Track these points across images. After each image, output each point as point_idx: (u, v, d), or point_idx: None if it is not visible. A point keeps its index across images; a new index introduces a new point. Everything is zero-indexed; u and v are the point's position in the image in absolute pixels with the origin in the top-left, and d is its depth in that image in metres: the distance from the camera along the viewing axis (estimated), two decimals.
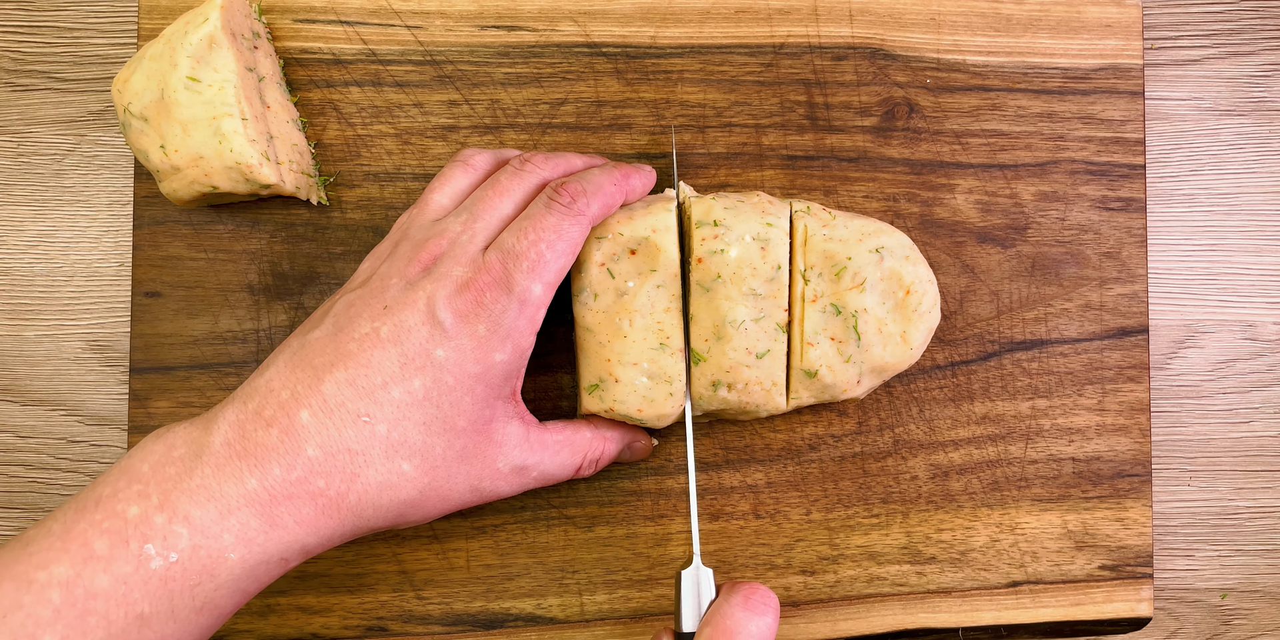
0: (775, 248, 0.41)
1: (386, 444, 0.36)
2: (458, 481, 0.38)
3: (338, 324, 0.38)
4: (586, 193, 0.40)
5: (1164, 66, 0.51)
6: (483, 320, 0.37)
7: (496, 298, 0.37)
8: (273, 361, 0.38)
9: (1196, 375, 0.51)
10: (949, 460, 0.47)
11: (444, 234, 0.39)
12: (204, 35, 0.42)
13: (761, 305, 0.42)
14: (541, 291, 0.38)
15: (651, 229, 0.41)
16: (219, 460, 0.35)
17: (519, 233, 0.39)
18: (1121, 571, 0.47)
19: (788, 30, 0.48)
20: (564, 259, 0.39)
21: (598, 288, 0.42)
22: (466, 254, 0.38)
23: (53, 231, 0.50)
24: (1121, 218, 0.48)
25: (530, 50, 0.48)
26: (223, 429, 0.36)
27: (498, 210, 0.40)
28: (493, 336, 0.37)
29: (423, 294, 0.37)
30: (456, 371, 0.37)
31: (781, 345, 0.42)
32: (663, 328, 0.41)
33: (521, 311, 0.38)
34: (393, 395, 0.36)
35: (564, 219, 0.39)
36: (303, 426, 0.36)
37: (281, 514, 0.35)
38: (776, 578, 0.47)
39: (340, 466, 0.36)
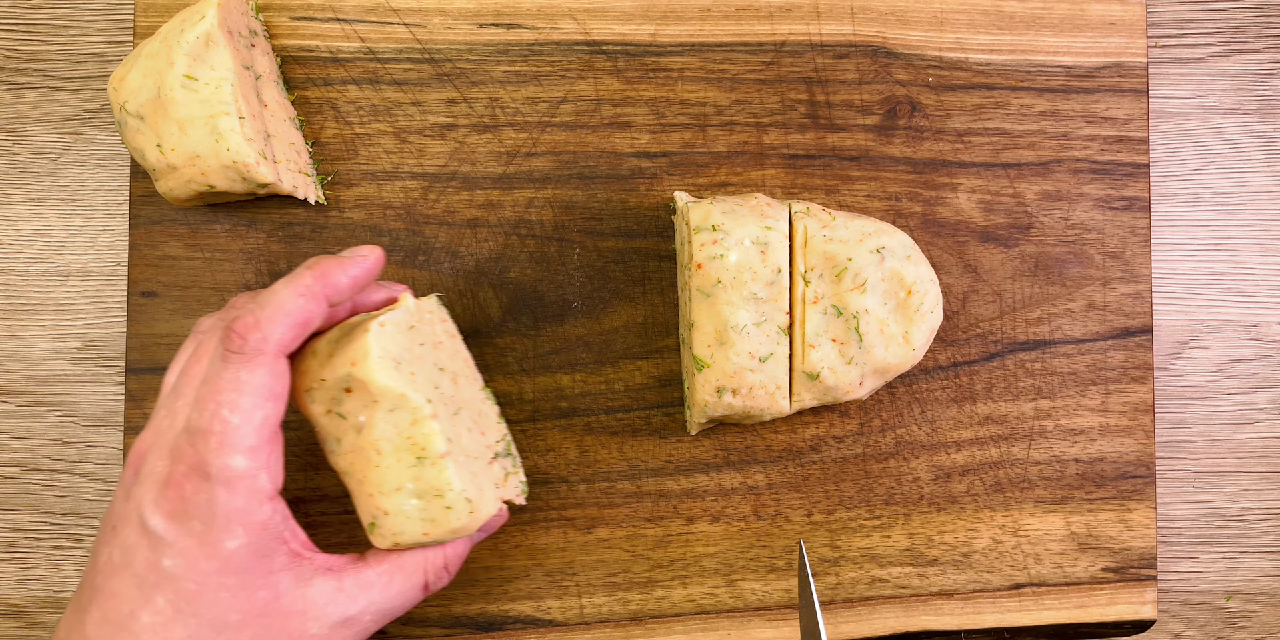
0: (775, 250, 0.41)
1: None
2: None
3: (94, 554, 0.35)
4: (260, 324, 0.35)
5: (1168, 65, 0.51)
6: (194, 516, 0.34)
7: (197, 488, 0.34)
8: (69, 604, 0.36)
9: (1201, 376, 0.51)
10: (951, 461, 0.47)
11: (151, 423, 0.36)
12: (201, 33, 0.42)
13: (763, 309, 0.41)
14: (245, 461, 0.34)
15: (351, 363, 0.37)
16: None
17: (199, 404, 0.34)
18: (1125, 574, 0.47)
19: (789, 28, 0.48)
20: (259, 413, 0.34)
21: (337, 433, 0.38)
22: (167, 443, 0.35)
23: (48, 231, 0.50)
24: (1125, 217, 0.48)
25: (529, 48, 0.47)
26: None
27: (197, 378, 0.36)
28: (211, 529, 0.34)
29: (134, 504, 0.34)
30: (193, 576, 0.34)
31: (784, 348, 0.41)
32: (414, 442, 0.37)
33: (232, 492, 0.34)
34: (144, 622, 0.33)
35: (240, 368, 0.34)
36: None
37: None
38: (778, 580, 0.47)
39: None
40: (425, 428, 0.37)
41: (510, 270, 0.47)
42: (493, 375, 0.47)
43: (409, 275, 0.47)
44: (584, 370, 0.47)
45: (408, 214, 0.47)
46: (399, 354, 0.38)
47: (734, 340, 0.41)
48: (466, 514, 0.38)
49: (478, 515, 0.38)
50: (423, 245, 0.47)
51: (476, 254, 0.47)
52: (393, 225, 0.47)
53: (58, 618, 0.49)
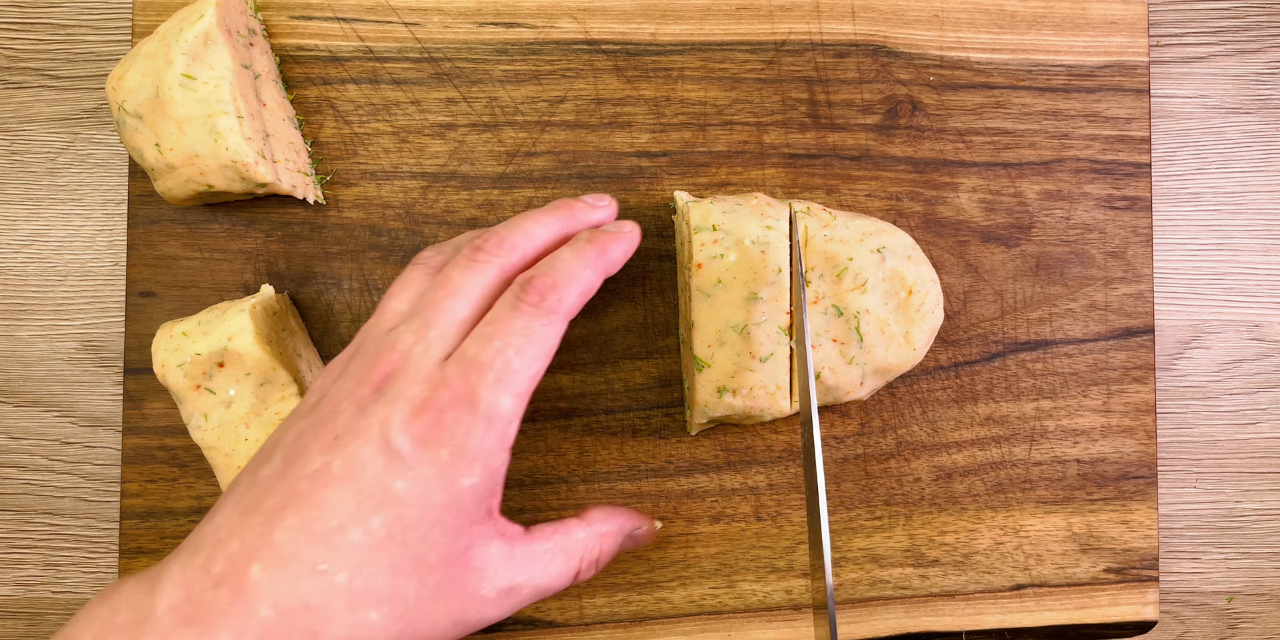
0: (775, 250, 0.41)
1: (349, 594, 0.32)
2: (437, 620, 0.34)
3: (288, 459, 0.34)
4: (558, 286, 0.36)
5: (1170, 64, 0.51)
6: (445, 444, 0.33)
7: (459, 417, 0.33)
8: (222, 505, 0.34)
9: (1203, 376, 0.51)
10: (952, 462, 0.47)
11: (395, 347, 0.35)
12: (199, 32, 0.42)
13: (764, 309, 0.41)
14: (512, 404, 0.34)
15: (227, 337, 0.40)
16: (163, 629, 0.31)
17: (483, 340, 0.35)
18: (1127, 574, 0.47)
19: (789, 27, 0.48)
20: (538, 364, 0.35)
21: (204, 409, 0.40)
22: (422, 369, 0.34)
23: (46, 230, 0.50)
24: (1127, 217, 0.48)
25: (529, 47, 0.47)
26: (168, 590, 0.32)
27: (451, 313, 0.36)
28: (458, 461, 0.33)
29: (375, 420, 0.33)
30: (421, 504, 0.33)
31: (784, 348, 0.41)
32: (282, 417, 0.39)
33: (489, 429, 0.34)
34: (351, 538, 0.32)
35: (534, 320, 0.35)
36: (254, 583, 0.31)
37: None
38: (778, 581, 0.47)
39: (299, 625, 0.31)
40: (293, 404, 0.40)
41: None
42: None
43: None
44: (584, 370, 0.47)
45: (407, 213, 0.47)
46: (268, 334, 0.42)
47: (734, 341, 0.41)
48: None
49: None
50: (422, 245, 0.47)
51: None
52: (392, 225, 0.47)
53: (56, 618, 0.49)
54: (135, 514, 0.46)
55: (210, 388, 0.41)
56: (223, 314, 0.42)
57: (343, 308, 0.47)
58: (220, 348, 0.41)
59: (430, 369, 0.34)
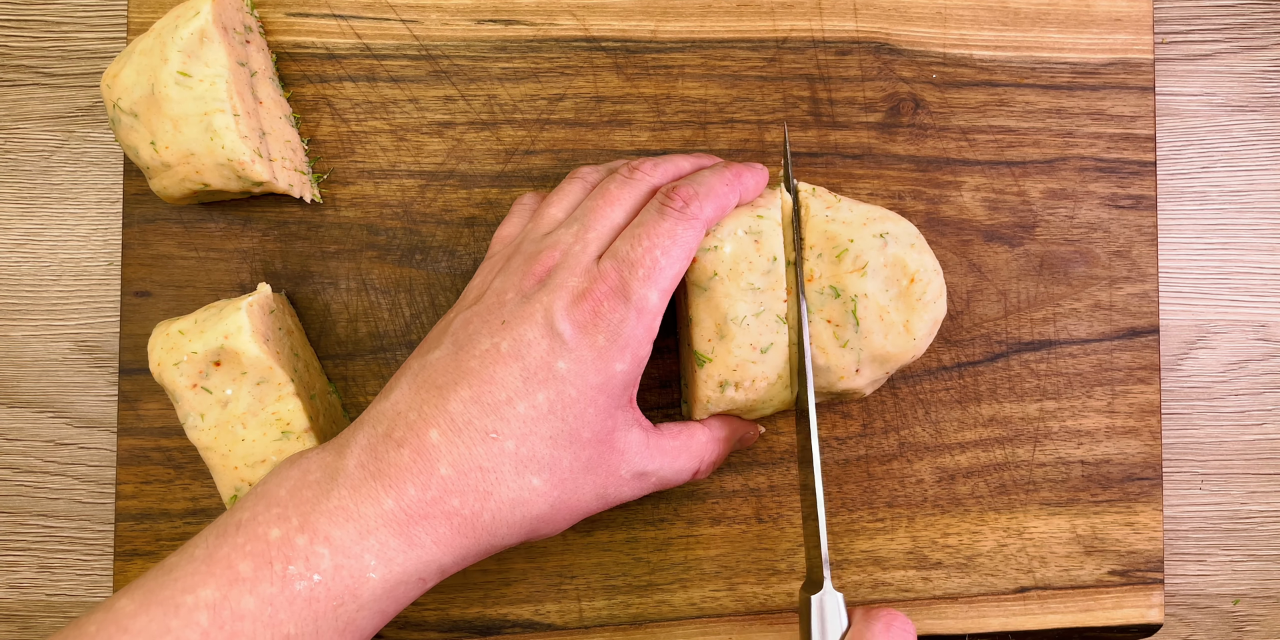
0: (769, 239, 0.41)
1: (516, 460, 0.36)
2: (585, 492, 0.38)
3: (457, 342, 0.38)
4: (699, 196, 0.39)
5: (1175, 61, 0.51)
6: (601, 330, 0.37)
7: (614, 307, 0.37)
8: (395, 385, 0.38)
9: (1208, 376, 0.50)
10: (955, 463, 0.47)
11: (556, 245, 0.39)
12: (195, 29, 0.42)
13: (761, 298, 0.41)
14: (658, 299, 0.38)
15: (224, 336, 0.41)
16: (354, 482, 0.35)
17: (633, 240, 0.38)
18: (1132, 577, 0.47)
19: (791, 24, 0.47)
20: (679, 265, 0.39)
21: (201, 408, 0.41)
22: (580, 264, 0.38)
23: (40, 230, 0.50)
24: (1131, 216, 0.48)
25: (528, 45, 0.47)
26: (355, 452, 0.36)
27: (608, 219, 0.40)
28: (612, 346, 0.37)
29: (540, 306, 0.37)
30: (579, 383, 0.37)
31: (784, 337, 0.41)
32: (279, 417, 0.41)
33: (639, 320, 0.38)
34: (518, 410, 0.36)
35: (678, 224, 0.39)
36: (433, 446, 0.36)
37: (419, 534, 0.35)
38: (779, 583, 0.46)
39: (473, 485, 0.36)
40: (290, 403, 0.41)
41: None
42: None
43: (406, 275, 0.47)
44: None
45: (405, 212, 0.47)
46: (265, 332, 0.42)
47: (734, 333, 0.41)
48: None
49: None
50: (420, 244, 0.47)
51: (475, 253, 0.47)
52: (389, 224, 0.47)
53: (50, 621, 0.49)
54: (130, 516, 0.46)
55: (207, 387, 0.41)
56: (219, 312, 0.42)
57: (340, 307, 0.47)
58: (217, 346, 0.41)
59: (587, 264, 0.38)
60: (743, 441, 0.45)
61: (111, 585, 0.48)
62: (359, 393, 0.47)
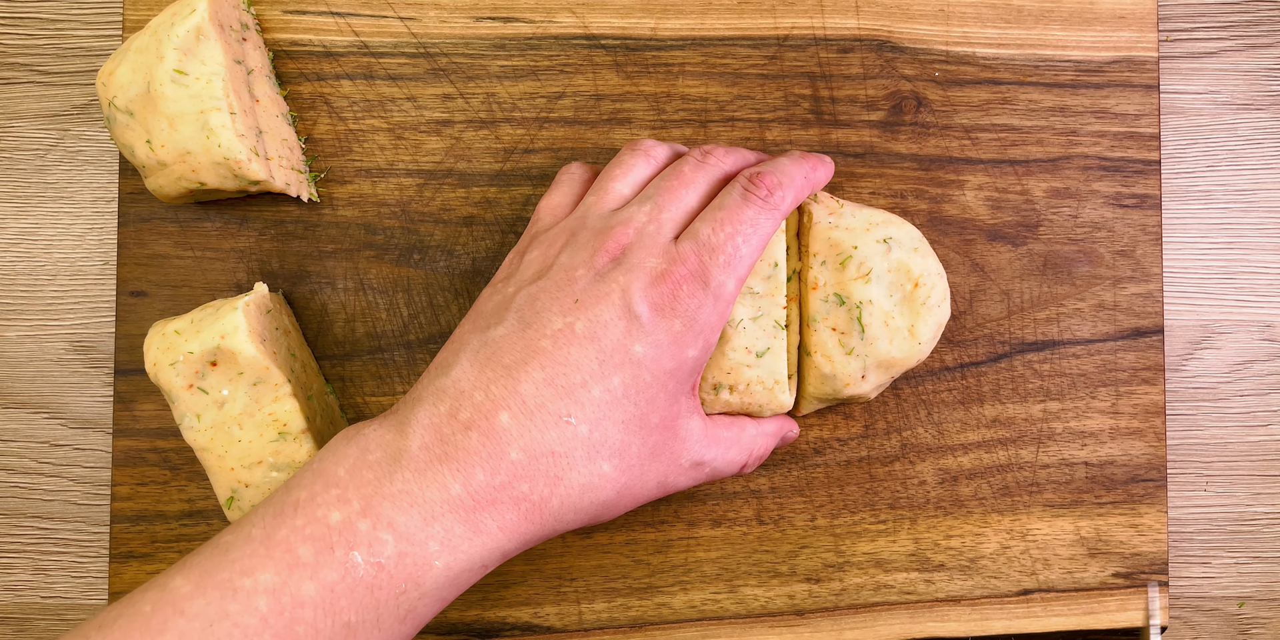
0: (772, 244, 0.41)
1: (588, 445, 0.35)
2: (649, 478, 0.38)
3: (524, 319, 0.36)
4: (782, 185, 0.39)
5: (1179, 59, 0.51)
6: (679, 315, 0.36)
7: (693, 292, 0.37)
8: (454, 360, 0.36)
9: (1213, 377, 0.50)
10: (958, 464, 0.47)
11: (629, 222, 0.38)
12: (191, 27, 0.41)
13: (759, 303, 0.41)
14: (734, 286, 0.38)
15: (220, 336, 0.40)
16: (419, 465, 0.34)
17: (714, 224, 0.38)
18: (1136, 579, 0.47)
19: (792, 22, 0.47)
20: (756, 253, 0.38)
21: (197, 409, 0.41)
22: (658, 244, 0.37)
23: (35, 229, 0.49)
24: (1136, 215, 0.48)
25: (527, 42, 0.47)
26: (418, 432, 0.35)
27: (683, 201, 0.39)
28: (688, 332, 0.37)
29: (616, 286, 0.36)
30: (654, 368, 0.36)
31: (781, 342, 0.41)
32: (276, 417, 0.41)
33: (715, 307, 0.37)
34: (593, 394, 0.35)
35: (761, 212, 0.38)
36: (503, 429, 0.35)
37: (485, 520, 0.34)
38: (781, 585, 0.46)
39: (544, 470, 0.35)
40: (287, 404, 0.41)
41: None
42: None
43: (404, 274, 0.46)
44: None
45: (403, 212, 0.46)
46: (262, 333, 0.42)
47: (730, 336, 0.41)
48: None
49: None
50: (418, 244, 0.47)
51: (473, 253, 0.47)
52: (387, 223, 0.46)
53: (45, 624, 0.49)
54: (126, 518, 0.46)
55: (203, 387, 0.41)
56: (216, 312, 0.41)
57: (337, 307, 0.46)
58: (213, 346, 0.41)
59: (665, 245, 0.37)
60: (784, 440, 0.44)
61: (107, 587, 0.48)
62: (356, 393, 0.46)
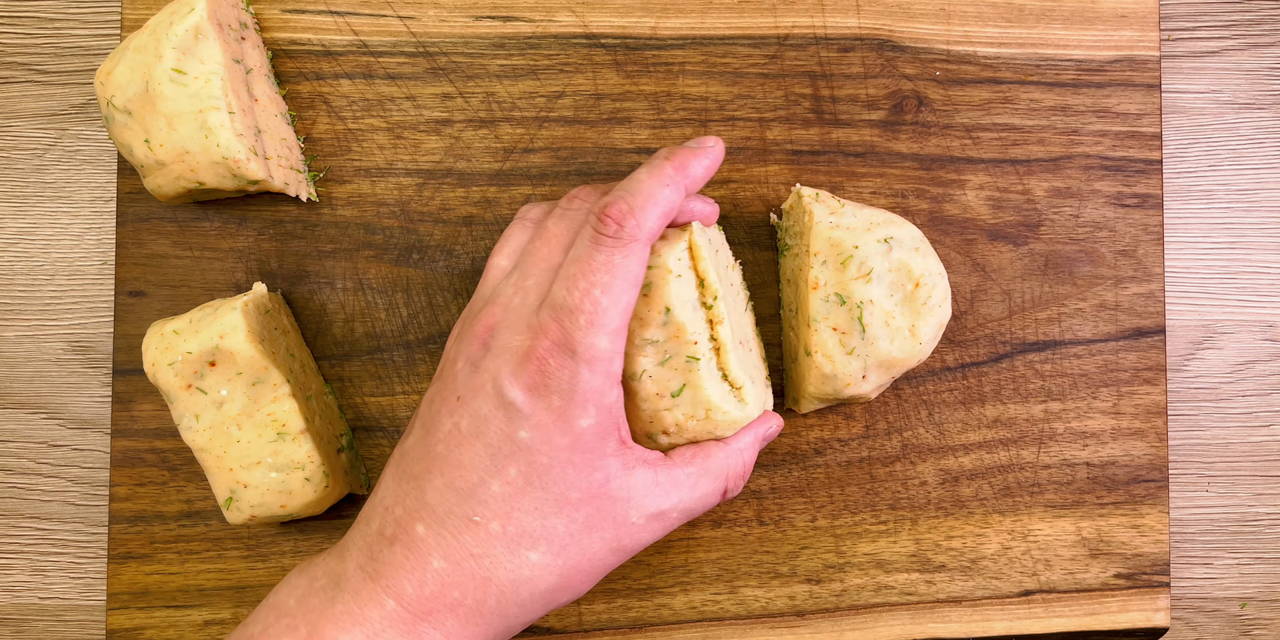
0: (658, 291, 0.38)
1: (505, 540, 0.35)
2: (594, 551, 0.37)
3: (425, 426, 0.37)
4: (634, 211, 0.36)
5: (1181, 58, 0.50)
6: (554, 391, 0.35)
7: (562, 364, 0.35)
8: (383, 478, 0.37)
9: (1215, 377, 0.50)
10: (959, 465, 0.46)
11: (497, 300, 0.37)
12: (190, 26, 0.41)
13: (665, 348, 0.38)
14: (609, 343, 0.35)
15: (219, 336, 0.40)
16: (355, 585, 0.35)
17: (568, 282, 0.35)
18: (1137, 580, 0.47)
19: (792, 21, 0.47)
20: (626, 297, 0.36)
21: (196, 409, 0.41)
22: (521, 319, 0.36)
23: (33, 229, 0.49)
24: (1137, 214, 0.47)
25: (526, 41, 0.47)
26: (353, 554, 0.36)
27: (546, 261, 0.37)
28: (570, 405, 0.35)
29: (488, 376, 0.36)
30: (546, 449, 0.35)
31: (699, 368, 0.38)
32: (275, 418, 0.41)
33: (593, 371, 0.35)
34: (494, 490, 0.35)
35: (614, 253, 0.35)
36: (421, 540, 0.35)
37: (425, 630, 0.35)
38: (781, 586, 0.46)
39: (469, 573, 0.35)
40: (286, 404, 0.41)
41: None
42: None
43: (403, 274, 0.46)
44: None
45: (402, 211, 0.46)
46: (261, 333, 0.41)
47: (636, 389, 0.39)
48: (323, 487, 0.42)
49: (333, 491, 0.42)
50: (417, 243, 0.46)
51: (472, 252, 0.46)
52: (386, 223, 0.46)
53: (44, 625, 0.48)
54: (124, 518, 0.45)
55: (201, 387, 0.41)
56: (214, 311, 0.41)
57: (336, 307, 0.46)
58: (212, 346, 0.41)
59: (528, 318, 0.36)
60: (767, 438, 0.42)
61: (105, 588, 0.48)
62: (355, 393, 0.46)
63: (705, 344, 0.39)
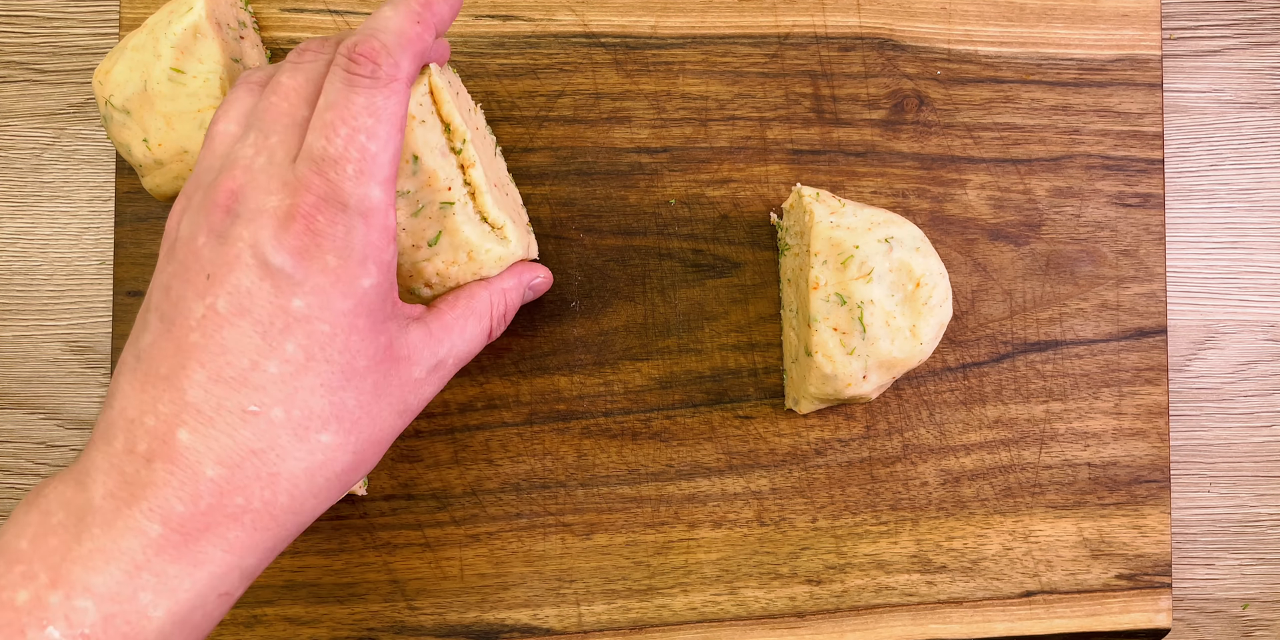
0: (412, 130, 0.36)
1: (291, 426, 0.31)
2: (385, 419, 0.34)
3: (165, 317, 0.32)
4: (389, 49, 0.33)
5: (1183, 57, 0.50)
6: (329, 250, 0.32)
7: (333, 220, 0.32)
8: (116, 386, 0.32)
9: (1217, 377, 0.50)
10: (960, 465, 0.46)
11: (236, 163, 0.33)
12: (188, 25, 0.41)
13: (417, 198, 0.37)
14: (382, 194, 0.32)
15: None
16: (106, 516, 0.30)
17: (327, 130, 0.32)
18: (1139, 581, 0.46)
19: (793, 20, 0.47)
20: (394, 142, 0.33)
21: None
22: (273, 178, 0.32)
23: (31, 228, 0.49)
24: (1139, 214, 0.47)
25: (526, 40, 0.47)
26: (98, 480, 0.30)
27: (288, 115, 0.33)
28: (348, 264, 0.32)
29: (242, 245, 0.31)
30: (327, 316, 0.32)
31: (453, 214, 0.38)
32: None
33: (369, 225, 0.32)
34: (270, 373, 0.31)
35: (375, 95, 0.32)
36: (186, 448, 0.30)
37: (204, 549, 0.30)
38: (782, 587, 0.46)
39: (252, 473, 0.31)
40: None
41: None
42: (488, 376, 0.46)
43: None
44: (582, 372, 0.46)
45: None
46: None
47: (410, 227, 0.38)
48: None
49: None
50: None
51: None
52: None
53: None
54: None
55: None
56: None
57: None
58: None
59: (282, 175, 0.32)
60: (534, 289, 0.41)
61: None
62: None
63: (459, 189, 0.38)
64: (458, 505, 0.46)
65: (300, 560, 0.45)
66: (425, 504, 0.46)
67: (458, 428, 0.46)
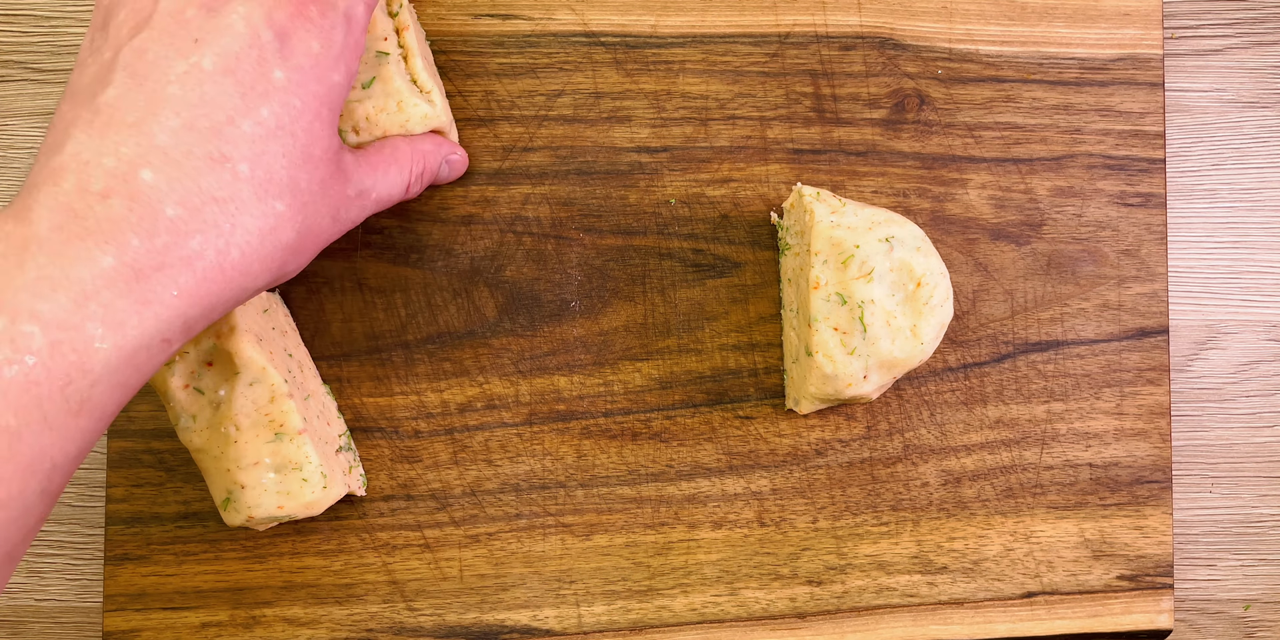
0: None
1: (254, 184, 0.33)
2: (323, 215, 0.36)
3: (137, 74, 0.32)
4: None
5: (1185, 57, 0.50)
6: (314, 36, 0.34)
7: (324, 11, 0.34)
8: (65, 137, 0.32)
9: (1219, 377, 0.50)
10: (961, 466, 0.46)
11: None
12: None
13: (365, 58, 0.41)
14: (363, 12, 0.36)
15: (216, 336, 0.40)
16: (54, 247, 0.30)
17: None
18: (1141, 582, 0.46)
19: (793, 19, 0.47)
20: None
21: (193, 409, 0.40)
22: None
23: None
24: (1140, 214, 0.47)
25: (526, 40, 0.46)
26: (44, 215, 0.30)
27: None
28: (326, 54, 0.34)
29: (236, 16, 0.33)
30: (302, 93, 0.34)
31: (388, 64, 0.42)
32: (272, 418, 0.40)
33: (349, 30, 0.35)
34: (244, 129, 0.33)
35: None
36: (149, 187, 0.31)
37: (154, 288, 0.31)
38: (782, 588, 0.46)
39: (211, 220, 0.32)
40: (283, 405, 0.40)
41: (506, 269, 0.46)
42: (488, 377, 0.46)
43: (401, 274, 0.46)
44: (582, 372, 0.46)
45: (400, 210, 0.46)
46: (258, 332, 0.41)
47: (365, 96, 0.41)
48: (321, 488, 0.41)
49: (330, 492, 0.41)
50: (416, 243, 0.46)
51: (471, 252, 0.46)
52: (384, 222, 0.46)
53: (40, 627, 0.48)
54: (121, 519, 0.45)
55: (199, 387, 0.40)
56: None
57: (334, 307, 0.46)
58: (209, 346, 0.40)
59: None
60: (451, 165, 0.44)
61: (102, 590, 0.48)
62: (354, 394, 0.46)
63: (394, 46, 0.41)
64: (457, 506, 0.46)
65: (299, 561, 0.45)
66: (424, 505, 0.46)
67: (457, 428, 0.46)
